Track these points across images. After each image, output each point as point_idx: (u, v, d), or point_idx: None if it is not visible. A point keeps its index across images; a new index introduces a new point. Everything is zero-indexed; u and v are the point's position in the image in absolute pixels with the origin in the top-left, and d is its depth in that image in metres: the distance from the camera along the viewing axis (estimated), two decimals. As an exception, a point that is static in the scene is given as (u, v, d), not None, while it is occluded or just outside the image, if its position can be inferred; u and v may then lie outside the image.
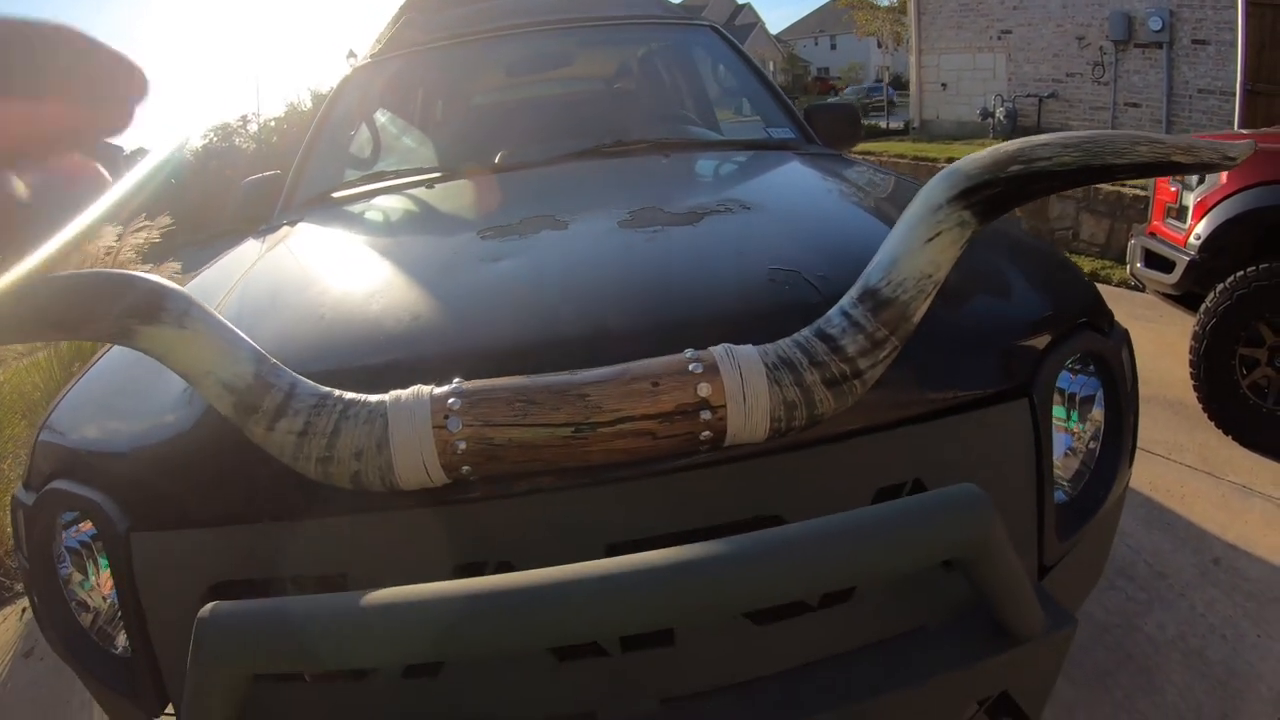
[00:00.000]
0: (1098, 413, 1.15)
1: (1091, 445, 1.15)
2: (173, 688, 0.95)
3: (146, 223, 4.13)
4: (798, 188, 1.70)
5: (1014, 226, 1.53)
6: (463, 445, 0.78)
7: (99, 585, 1.04)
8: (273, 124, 22.61)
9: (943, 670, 0.83)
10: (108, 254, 3.81)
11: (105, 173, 0.39)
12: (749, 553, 0.70)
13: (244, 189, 2.29)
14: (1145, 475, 2.81)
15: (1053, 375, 1.06)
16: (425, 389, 0.81)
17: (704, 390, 0.79)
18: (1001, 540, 0.76)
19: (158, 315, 0.78)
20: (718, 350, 0.82)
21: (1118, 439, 1.14)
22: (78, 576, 1.05)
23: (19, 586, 2.98)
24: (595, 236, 1.30)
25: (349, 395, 0.82)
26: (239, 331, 0.83)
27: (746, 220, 1.30)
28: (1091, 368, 1.15)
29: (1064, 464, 1.13)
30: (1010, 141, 0.85)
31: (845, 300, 0.86)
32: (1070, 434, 1.15)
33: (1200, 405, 3.08)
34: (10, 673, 2.46)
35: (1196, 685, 1.87)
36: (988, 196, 0.82)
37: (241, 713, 0.76)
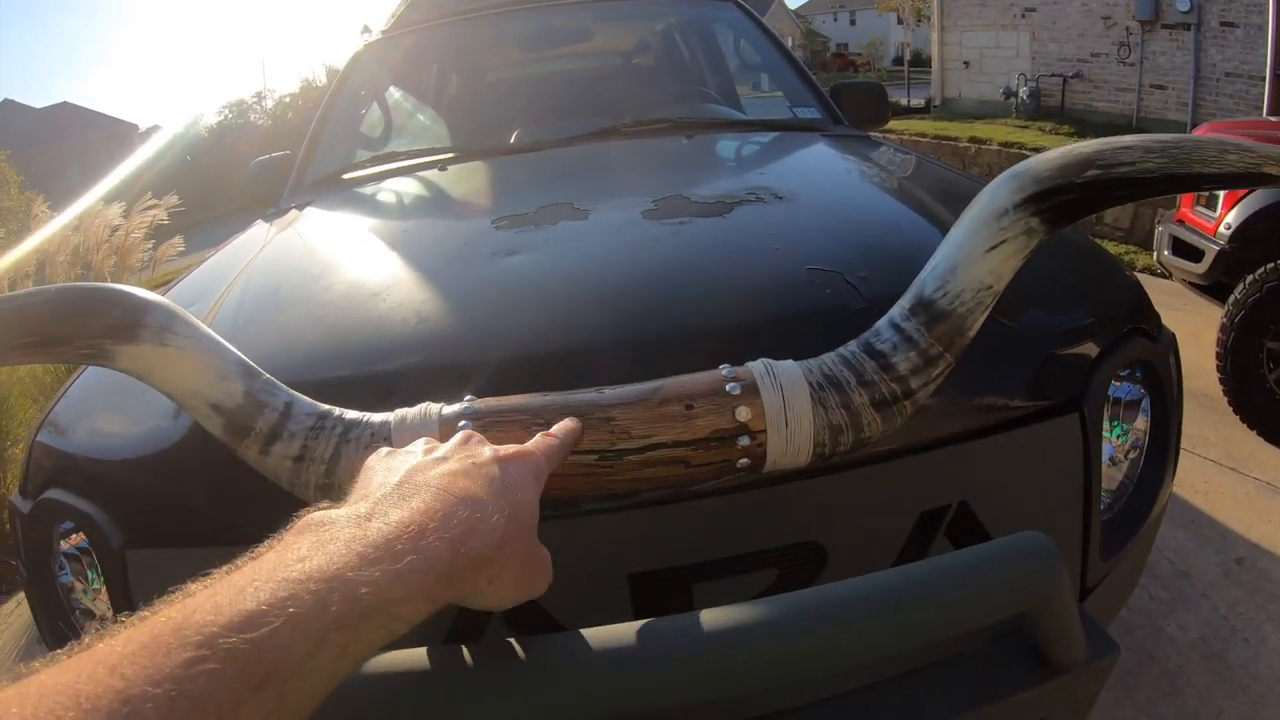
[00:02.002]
0: (1142, 421, 1.08)
1: (1133, 455, 1.09)
2: None
3: (154, 201, 4.09)
4: (830, 175, 1.60)
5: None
6: None
7: (101, 592, 0.98)
8: (288, 100, 22.63)
9: (981, 704, 0.77)
10: (112, 234, 3.77)
11: None
12: (788, 621, 0.62)
13: (253, 170, 2.23)
14: (1169, 470, 2.78)
15: (1104, 387, 0.99)
16: (433, 408, 0.73)
17: (743, 414, 0.71)
18: (1065, 589, 0.69)
19: (135, 333, 0.71)
20: (757, 367, 0.74)
21: (1163, 450, 1.07)
22: (79, 585, 1.00)
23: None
24: (617, 229, 1.22)
25: (350, 415, 0.75)
26: (227, 345, 0.77)
27: (779, 212, 1.22)
28: (1138, 374, 1.08)
29: (1107, 476, 1.05)
30: (1087, 142, 0.76)
31: (896, 311, 0.78)
32: (1115, 446, 1.08)
33: (1226, 399, 3.03)
34: (25, 656, 2.48)
35: (1218, 689, 1.84)
36: (1060, 203, 0.72)
37: None
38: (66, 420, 1.06)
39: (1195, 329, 3.82)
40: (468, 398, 0.75)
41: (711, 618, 0.63)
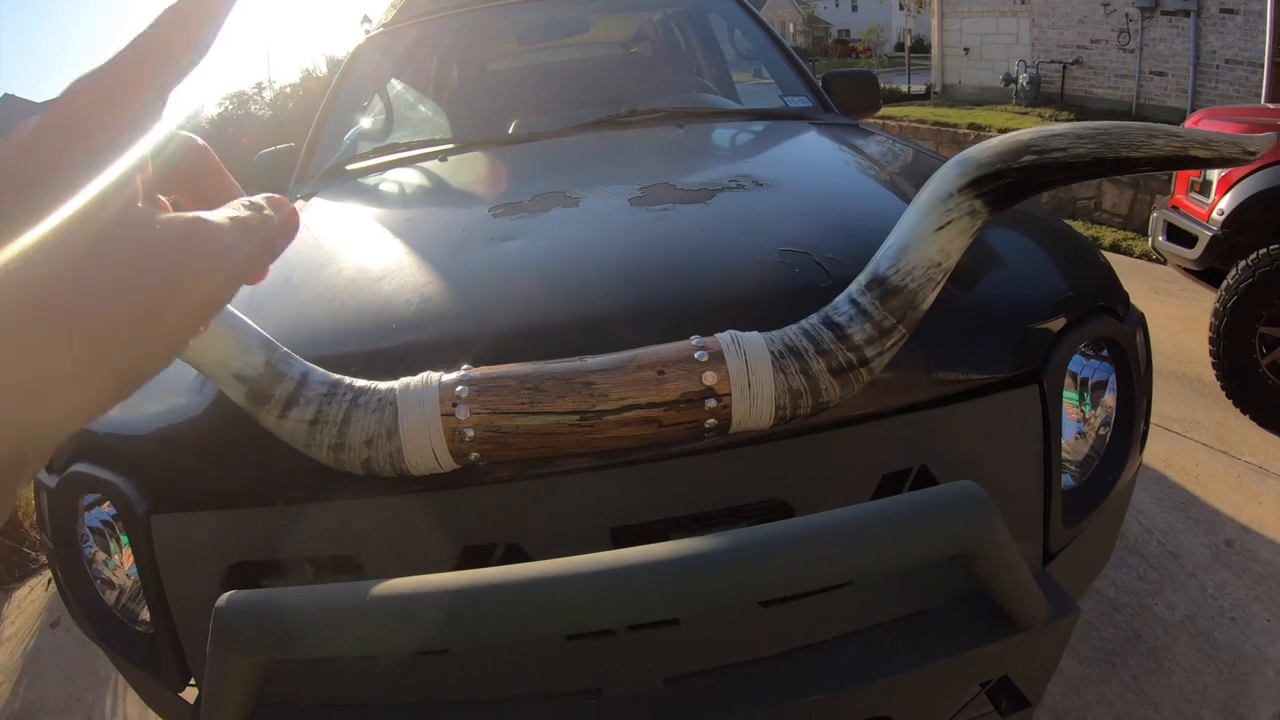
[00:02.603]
0: (1109, 398, 1.13)
1: (1102, 431, 1.14)
2: (194, 663, 0.97)
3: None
4: (812, 162, 1.66)
5: (1028, 202, 1.52)
6: (470, 433, 0.78)
7: (122, 563, 1.06)
8: (288, 90, 22.52)
9: (942, 655, 0.84)
10: None
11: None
12: (747, 549, 0.70)
13: (258, 161, 2.31)
14: (1161, 452, 2.80)
15: (1064, 361, 1.04)
16: (434, 376, 0.81)
17: (709, 379, 0.79)
18: (1001, 537, 0.75)
19: None
20: (724, 338, 0.82)
21: (1129, 425, 1.13)
22: (101, 555, 1.07)
23: (44, 559, 3.05)
24: (605, 216, 1.28)
25: (359, 383, 0.83)
26: (249, 321, 0.84)
27: (758, 198, 1.29)
28: (1105, 352, 1.13)
29: (1073, 448, 1.12)
30: (1023, 130, 0.83)
31: (853, 287, 0.86)
32: (1082, 419, 1.13)
33: (1219, 383, 3.05)
34: (38, 642, 2.53)
35: (1204, 668, 1.87)
36: (999, 186, 0.81)
37: (259, 694, 0.78)
38: None
39: (1191, 315, 3.85)
40: (465, 366, 0.82)
41: (675, 548, 0.71)
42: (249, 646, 0.73)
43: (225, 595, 0.74)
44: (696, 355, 0.80)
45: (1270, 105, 4.19)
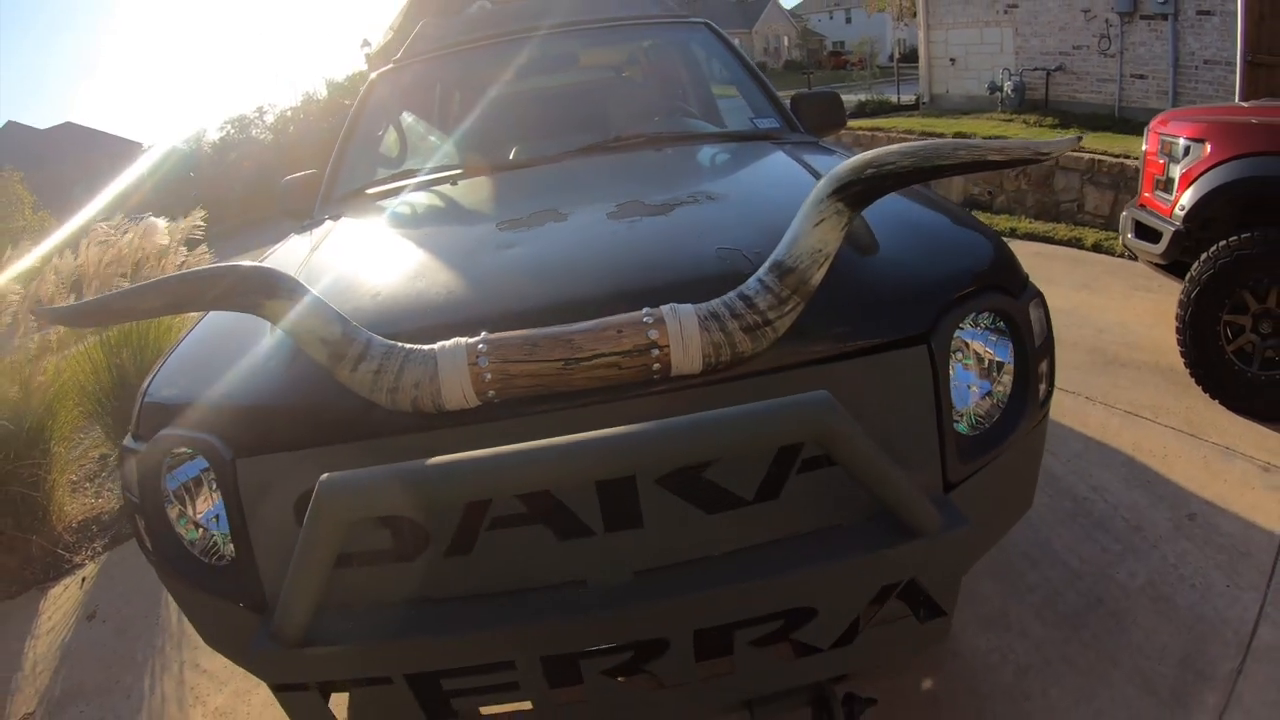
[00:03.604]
0: (1009, 364, 1.37)
1: (1002, 391, 1.38)
2: (269, 587, 1.22)
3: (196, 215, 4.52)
4: (763, 178, 1.97)
5: (947, 198, 1.79)
6: (489, 376, 1.11)
7: (193, 517, 1.31)
8: (289, 114, 22.78)
9: (851, 556, 1.09)
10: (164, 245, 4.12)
11: None
12: (656, 431, 1.00)
13: (282, 187, 2.65)
14: (1129, 437, 2.94)
15: (951, 328, 1.29)
16: (462, 340, 1.14)
17: (653, 335, 1.11)
18: (846, 429, 1.00)
19: (276, 292, 1.15)
20: (665, 308, 1.14)
21: (1023, 387, 1.36)
22: (177, 510, 1.31)
23: (78, 558, 3.22)
24: (587, 227, 1.60)
25: (409, 346, 1.15)
26: (327, 302, 1.17)
27: (708, 209, 1.59)
28: (1003, 325, 1.36)
29: (979, 406, 1.36)
30: (869, 151, 1.13)
31: (761, 270, 1.17)
32: (990, 380, 1.37)
33: (1188, 370, 3.20)
34: (74, 635, 2.68)
35: (1163, 629, 1.99)
36: (854, 191, 1.13)
37: (334, 559, 1.04)
38: (166, 382, 1.44)
39: (1165, 310, 3.97)
40: (483, 333, 1.15)
41: (621, 431, 1.01)
42: (342, 508, 1.00)
43: (324, 475, 1.00)
44: (645, 319, 1.13)
45: (1244, 104, 4.33)
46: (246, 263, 1.23)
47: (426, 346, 1.14)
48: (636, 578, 1.13)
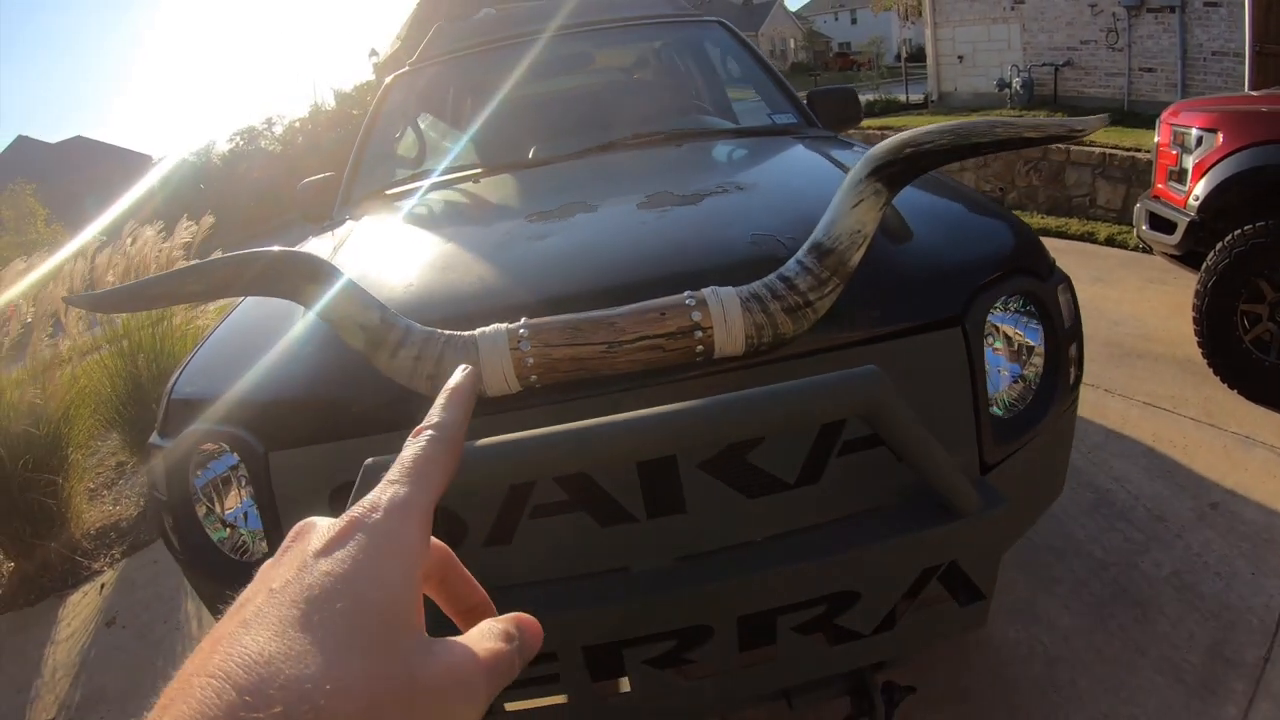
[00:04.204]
0: (1040, 348, 1.38)
1: (1035, 375, 1.38)
2: None
3: (191, 223, 4.46)
4: (785, 169, 1.97)
5: (967, 188, 1.83)
6: (531, 361, 1.08)
7: (220, 514, 1.30)
8: (297, 125, 22.91)
9: (895, 535, 1.07)
10: (160, 253, 4.09)
11: None
12: (711, 406, 0.97)
13: (300, 190, 2.67)
14: (1149, 428, 2.93)
15: (984, 310, 1.30)
16: (503, 326, 1.11)
17: (697, 316, 1.09)
18: (894, 404, 0.98)
19: (318, 278, 1.11)
20: (706, 291, 1.12)
21: (1054, 370, 1.37)
22: (202, 510, 1.31)
23: (97, 565, 3.23)
24: (618, 216, 1.59)
25: (448, 332, 1.12)
26: (365, 290, 1.13)
27: (737, 198, 1.58)
28: (1032, 308, 1.37)
29: (1011, 390, 1.37)
30: (906, 131, 1.12)
31: (800, 253, 1.16)
32: (1020, 364, 1.38)
33: (1205, 360, 3.19)
34: (94, 641, 2.69)
35: (1189, 617, 1.99)
36: (891, 172, 1.11)
37: None
38: (194, 381, 1.43)
39: (1181, 301, 3.97)
40: (523, 319, 1.11)
41: (670, 408, 0.98)
42: None
43: (369, 460, 0.97)
44: (687, 301, 1.10)
45: (1254, 93, 4.31)
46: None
47: (467, 333, 1.12)
48: (679, 562, 1.12)
